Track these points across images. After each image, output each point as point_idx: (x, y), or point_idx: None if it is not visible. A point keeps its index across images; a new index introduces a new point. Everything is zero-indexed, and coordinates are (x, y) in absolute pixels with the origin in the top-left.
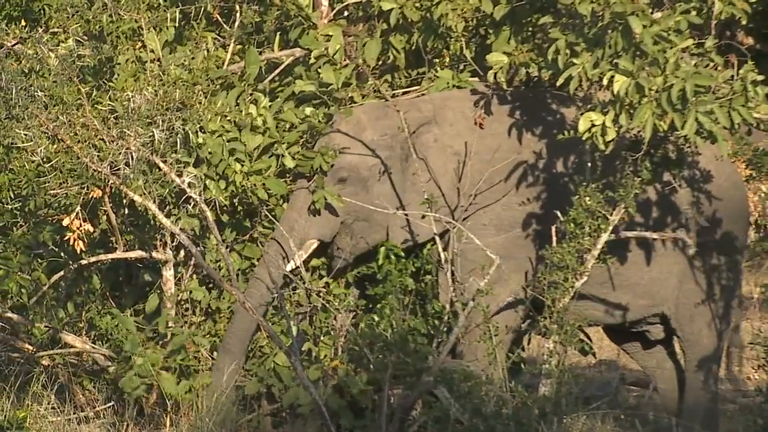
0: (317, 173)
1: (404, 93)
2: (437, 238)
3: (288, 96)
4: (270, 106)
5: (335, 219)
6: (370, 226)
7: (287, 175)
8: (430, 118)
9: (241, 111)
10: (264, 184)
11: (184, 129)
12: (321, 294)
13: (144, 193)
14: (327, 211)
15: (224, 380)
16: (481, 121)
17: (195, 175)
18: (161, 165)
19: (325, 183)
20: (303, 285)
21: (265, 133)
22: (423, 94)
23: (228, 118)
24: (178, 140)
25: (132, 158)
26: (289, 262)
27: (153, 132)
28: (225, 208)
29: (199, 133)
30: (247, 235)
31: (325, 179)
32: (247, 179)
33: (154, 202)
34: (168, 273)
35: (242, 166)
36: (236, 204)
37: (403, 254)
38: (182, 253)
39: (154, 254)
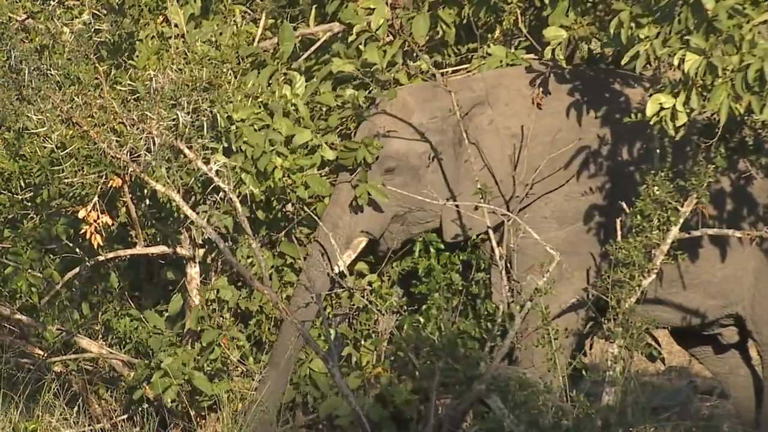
0: (360, 166)
1: (453, 72)
2: (491, 232)
3: (325, 76)
4: (306, 88)
5: (385, 213)
6: (425, 215)
7: (326, 168)
8: (483, 97)
9: (274, 92)
10: (305, 182)
11: (211, 111)
12: (364, 293)
13: (167, 183)
14: (376, 205)
15: (265, 394)
16: (539, 101)
17: (224, 164)
18: (186, 151)
19: (370, 174)
20: (345, 284)
21: (299, 123)
22: (473, 73)
23: (260, 99)
24: (205, 124)
25: (154, 144)
26: (335, 264)
27: (177, 115)
28: (260, 204)
29: (231, 118)
30: (282, 233)
31: (371, 170)
32: (288, 176)
33: (178, 192)
34: (193, 271)
35: (283, 161)
36: (272, 200)
37: (443, 247)
38: (209, 249)
39: (178, 250)
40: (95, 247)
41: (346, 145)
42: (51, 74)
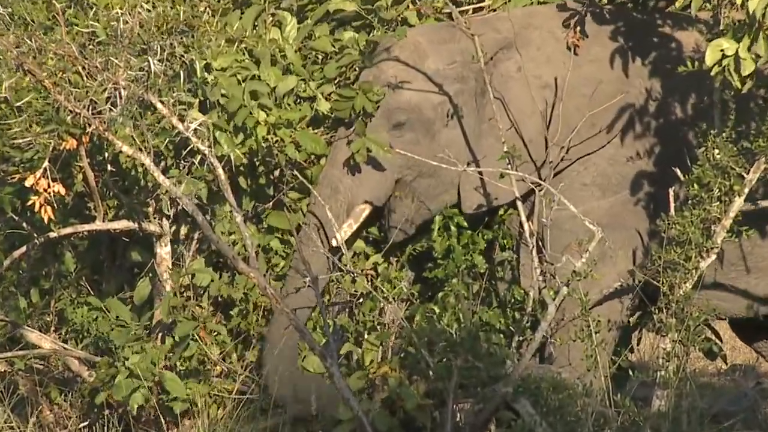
0: (359, 117)
1: (474, 10)
2: (519, 203)
3: (320, 17)
4: (298, 30)
5: (390, 175)
6: (437, 184)
7: (323, 125)
8: (511, 40)
9: (261, 36)
10: (295, 139)
11: (185, 59)
12: (368, 278)
13: (134, 143)
14: (379, 166)
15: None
16: (577, 43)
17: (202, 122)
18: (159, 105)
19: (373, 128)
20: (345, 266)
21: (289, 72)
22: (497, 11)
23: (243, 45)
24: (181, 74)
25: (120, 97)
26: (334, 235)
27: (148, 62)
28: (241, 168)
29: (209, 67)
30: (270, 203)
31: (376, 123)
32: (273, 132)
33: (148, 154)
34: (164, 250)
35: (268, 115)
36: (257, 164)
37: (466, 225)
38: (183, 225)
39: (145, 225)
40: (46, 221)
41: (341, 93)
42: None
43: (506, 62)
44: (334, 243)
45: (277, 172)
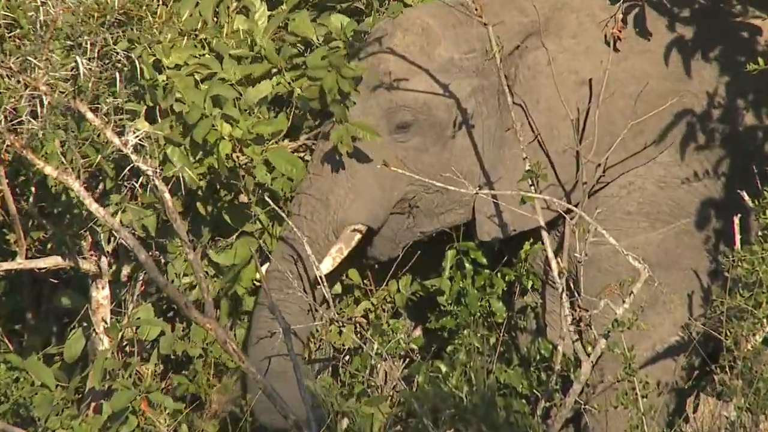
0: (335, 101)
1: None
2: (545, 234)
3: (297, 2)
4: (269, 19)
5: (393, 192)
6: (443, 201)
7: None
8: (541, 25)
9: (222, 27)
10: (266, 157)
11: (128, 56)
12: (358, 326)
13: (62, 163)
14: (382, 177)
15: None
16: (620, 35)
17: (147, 133)
18: (89, 115)
19: (371, 126)
20: (327, 312)
21: (259, 59)
22: None
23: (201, 37)
24: (119, 75)
25: (42, 105)
26: (315, 263)
27: (77, 61)
28: (199, 192)
29: (159, 65)
30: (234, 236)
31: (374, 124)
32: (240, 150)
33: (78, 177)
34: (100, 294)
35: (233, 127)
36: (218, 188)
37: (485, 260)
38: (126, 264)
39: (78, 263)
40: None
41: (308, 74)
42: None
43: (534, 53)
44: (318, 272)
45: (242, 196)
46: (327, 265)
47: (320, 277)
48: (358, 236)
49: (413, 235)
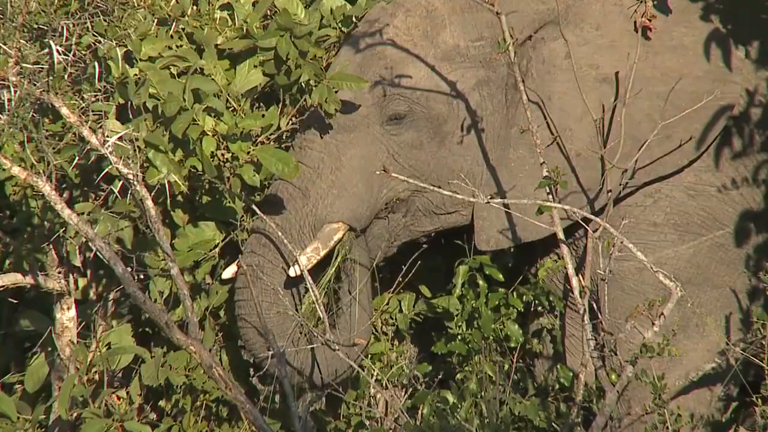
0: (305, 61)
1: None
2: (564, 249)
3: None
4: (255, 5)
5: (380, 191)
6: (443, 202)
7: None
8: (560, 13)
9: (204, 15)
10: (254, 157)
11: (98, 46)
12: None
13: (30, 164)
14: (370, 171)
15: None
16: (649, 25)
17: (124, 134)
18: (64, 111)
19: (362, 119)
20: (313, 323)
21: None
22: None
23: (179, 26)
24: (93, 68)
25: (8, 99)
26: (297, 257)
27: (51, 48)
28: (179, 198)
29: (131, 57)
30: (216, 246)
31: (364, 112)
32: (225, 147)
33: (49, 179)
34: (66, 316)
35: (217, 122)
36: (199, 192)
37: (501, 276)
38: (95, 281)
39: (41, 281)
40: None
41: (259, 47)
42: None
43: (550, 44)
44: (293, 272)
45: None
46: (304, 261)
47: (312, 288)
48: (338, 236)
49: (411, 234)
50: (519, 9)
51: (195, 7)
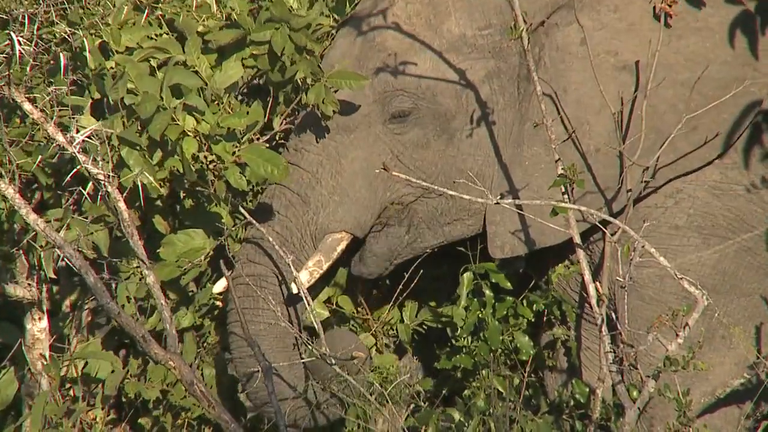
0: (300, 57)
1: None
2: (581, 254)
3: None
4: None
5: (381, 193)
6: (449, 209)
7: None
8: None
9: (184, 1)
10: (239, 158)
11: (68, 37)
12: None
13: None
14: (371, 174)
15: None
16: (670, 10)
17: (95, 132)
18: (26, 107)
19: (364, 118)
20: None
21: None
22: None
23: (158, 13)
24: (62, 60)
25: None
26: (290, 276)
27: (11, 40)
28: (159, 203)
29: (107, 49)
30: (203, 255)
31: (367, 110)
32: (208, 148)
33: (13, 181)
34: (37, 327)
35: (199, 121)
36: (181, 195)
37: (509, 285)
38: (69, 290)
39: (10, 290)
40: None
41: (252, 40)
42: None
43: (565, 30)
44: (294, 289)
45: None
46: (303, 280)
47: (304, 295)
48: (341, 247)
49: (413, 251)
50: None
51: None
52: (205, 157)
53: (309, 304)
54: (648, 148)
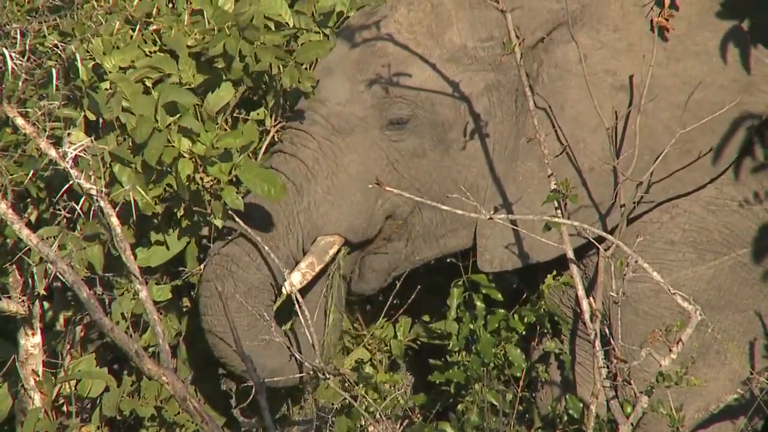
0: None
1: None
2: (574, 269)
3: None
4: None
5: (377, 205)
6: (443, 220)
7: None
8: (574, 13)
9: (180, 15)
10: (234, 177)
11: (58, 52)
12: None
13: None
14: (367, 183)
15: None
16: (667, 25)
17: (87, 147)
18: (18, 121)
19: (361, 125)
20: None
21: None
22: None
23: (154, 27)
24: (54, 73)
25: None
26: (281, 275)
27: (3, 55)
28: (155, 221)
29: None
30: (198, 268)
31: (363, 115)
32: (204, 169)
33: (5, 196)
34: (30, 342)
35: (194, 142)
36: (177, 214)
37: (500, 297)
38: (62, 305)
39: (3, 305)
40: None
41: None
42: None
43: (563, 47)
44: (285, 289)
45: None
46: (295, 282)
47: (296, 298)
48: (333, 250)
49: (410, 264)
50: (531, 7)
51: (171, 5)
52: (201, 179)
53: (300, 308)
54: (643, 167)
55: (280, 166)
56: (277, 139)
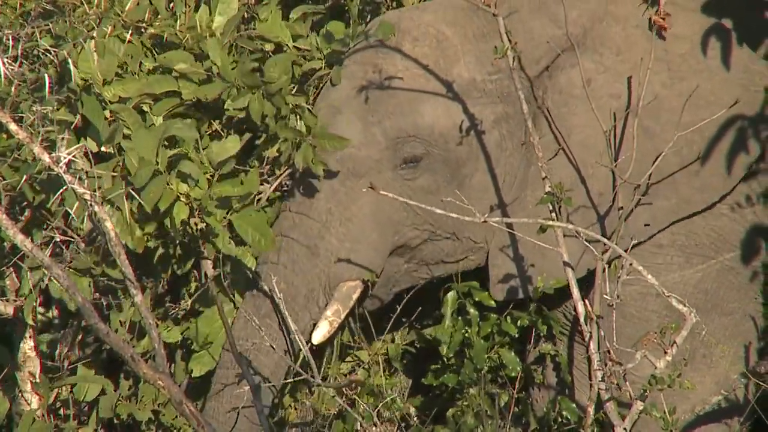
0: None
1: None
2: (569, 272)
3: None
4: (228, 20)
5: (390, 236)
6: (454, 249)
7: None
8: (577, 37)
9: (178, 19)
10: (231, 223)
11: (53, 53)
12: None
13: None
14: (381, 218)
15: None
16: (663, 24)
17: (79, 154)
18: (11, 127)
19: (373, 164)
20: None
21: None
22: None
23: (153, 30)
24: (47, 78)
25: None
26: (299, 318)
27: None
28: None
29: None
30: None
31: (380, 154)
32: (199, 216)
33: None
34: (28, 344)
35: (191, 187)
36: (170, 251)
37: (493, 303)
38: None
39: (2, 307)
40: None
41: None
42: None
43: (567, 73)
44: (316, 339)
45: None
46: (323, 332)
47: (299, 339)
48: (356, 295)
49: (412, 279)
50: (533, 36)
51: (171, 6)
52: (195, 224)
53: (305, 350)
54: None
55: (290, 232)
56: (284, 184)
